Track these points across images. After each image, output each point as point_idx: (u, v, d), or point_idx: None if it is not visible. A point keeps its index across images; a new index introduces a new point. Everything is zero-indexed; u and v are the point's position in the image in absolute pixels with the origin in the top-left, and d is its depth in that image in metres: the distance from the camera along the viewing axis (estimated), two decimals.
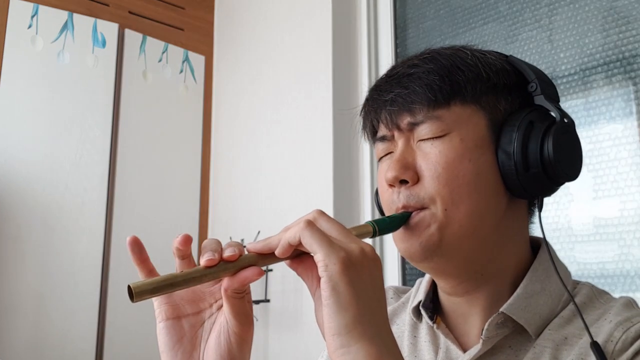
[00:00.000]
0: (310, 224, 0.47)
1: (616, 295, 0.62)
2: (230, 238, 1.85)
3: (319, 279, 0.47)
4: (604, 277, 1.17)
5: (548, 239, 0.60)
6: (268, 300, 1.71)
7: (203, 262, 0.48)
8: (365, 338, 0.45)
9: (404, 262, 1.56)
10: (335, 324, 0.45)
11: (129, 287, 0.44)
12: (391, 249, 1.57)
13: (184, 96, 2.07)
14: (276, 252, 0.49)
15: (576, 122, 0.61)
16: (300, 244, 0.48)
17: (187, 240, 0.51)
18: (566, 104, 1.25)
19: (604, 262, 1.17)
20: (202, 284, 0.49)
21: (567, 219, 1.23)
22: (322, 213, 0.50)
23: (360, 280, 0.46)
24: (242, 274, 0.49)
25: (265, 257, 0.50)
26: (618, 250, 1.15)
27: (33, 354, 1.60)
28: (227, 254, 0.49)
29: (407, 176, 0.58)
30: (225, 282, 0.50)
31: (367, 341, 0.45)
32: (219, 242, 0.50)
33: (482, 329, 0.59)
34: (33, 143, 1.71)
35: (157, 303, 0.54)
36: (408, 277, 1.56)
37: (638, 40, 1.18)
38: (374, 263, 0.48)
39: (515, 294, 0.59)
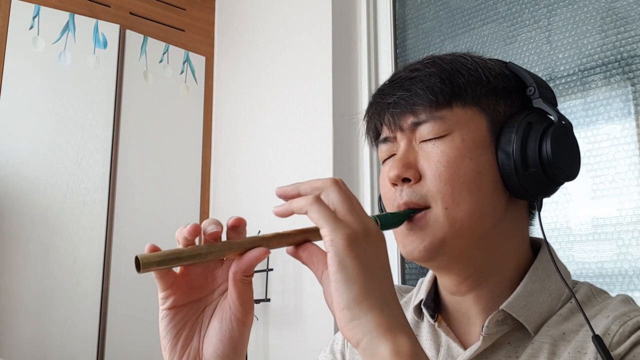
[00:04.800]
0: (318, 201, 0.49)
1: (614, 294, 0.63)
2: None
3: (324, 262, 0.48)
4: (603, 277, 1.17)
5: (547, 238, 0.61)
6: (268, 300, 1.71)
7: (208, 235, 0.49)
8: (375, 309, 0.45)
9: (403, 262, 1.57)
10: (343, 298, 0.46)
11: (136, 257, 0.45)
12: (391, 250, 1.57)
13: (185, 96, 2.07)
14: (274, 211, 0.52)
15: (575, 123, 0.62)
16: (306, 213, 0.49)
17: (196, 230, 0.50)
18: (565, 105, 1.26)
19: (603, 262, 1.18)
20: (207, 260, 0.49)
21: (566, 219, 1.24)
22: (335, 183, 0.51)
23: (366, 255, 0.47)
24: (249, 254, 0.50)
25: (269, 241, 0.51)
26: (616, 250, 1.16)
27: (34, 353, 1.60)
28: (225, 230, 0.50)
29: (410, 174, 0.60)
30: (234, 266, 0.51)
31: (377, 312, 0.45)
32: (219, 222, 0.51)
33: (483, 326, 0.60)
34: (35, 143, 1.71)
35: (160, 288, 0.53)
36: (407, 276, 1.56)
37: (636, 40, 1.19)
38: (379, 239, 0.50)
39: (515, 292, 0.60)
